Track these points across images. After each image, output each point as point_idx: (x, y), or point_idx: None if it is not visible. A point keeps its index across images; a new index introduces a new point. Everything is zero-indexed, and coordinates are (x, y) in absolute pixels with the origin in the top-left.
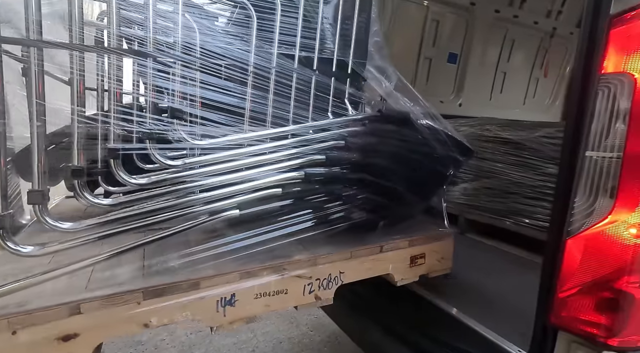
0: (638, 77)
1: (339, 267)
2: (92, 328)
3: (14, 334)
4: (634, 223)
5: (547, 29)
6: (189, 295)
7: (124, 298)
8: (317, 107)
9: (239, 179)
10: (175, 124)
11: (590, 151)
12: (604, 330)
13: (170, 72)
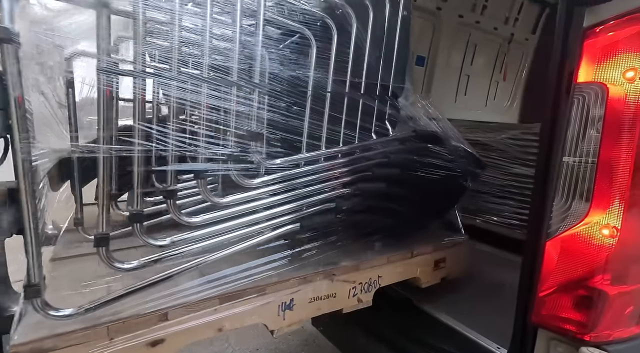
0: (610, 87)
1: (378, 272)
2: (176, 334)
3: (112, 340)
4: (606, 225)
5: (506, 34)
6: (256, 301)
7: (204, 305)
8: (363, 128)
9: (299, 195)
10: (253, 146)
11: (566, 157)
12: (581, 327)
13: (249, 99)
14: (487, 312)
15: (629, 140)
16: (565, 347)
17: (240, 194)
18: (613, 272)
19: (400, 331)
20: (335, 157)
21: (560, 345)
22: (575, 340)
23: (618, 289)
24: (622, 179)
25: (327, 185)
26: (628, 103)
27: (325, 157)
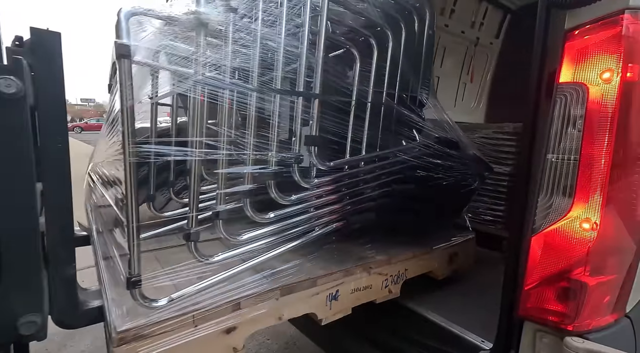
0: (590, 87)
1: (405, 265)
2: (246, 321)
3: (196, 327)
4: (587, 219)
5: (472, 38)
6: (309, 292)
7: (269, 295)
8: (396, 134)
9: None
10: (314, 150)
11: (549, 154)
12: (564, 317)
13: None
14: (469, 307)
15: (607, 139)
16: (551, 337)
17: (300, 193)
18: (593, 264)
19: (384, 329)
20: (374, 160)
21: (546, 336)
22: (559, 331)
23: (597, 280)
24: (601, 175)
25: (369, 186)
26: (605, 103)
27: (364, 161)
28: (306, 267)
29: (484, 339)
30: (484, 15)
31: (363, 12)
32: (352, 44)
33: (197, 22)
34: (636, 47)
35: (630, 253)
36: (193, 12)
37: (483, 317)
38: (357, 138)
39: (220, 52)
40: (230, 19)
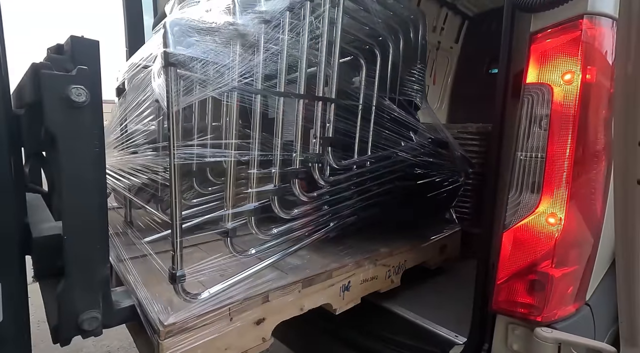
0: (554, 88)
1: (405, 257)
2: (274, 313)
3: (232, 320)
4: (553, 214)
5: (434, 42)
6: (326, 284)
7: (292, 288)
8: (397, 135)
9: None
10: (330, 150)
11: (518, 152)
12: (534, 309)
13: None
14: (443, 303)
15: (569, 137)
16: (522, 329)
17: (319, 191)
18: (558, 256)
19: (357, 329)
20: (379, 159)
21: (517, 328)
22: (529, 322)
23: (562, 272)
24: (564, 172)
25: (375, 183)
26: (567, 103)
27: (371, 160)
28: (319, 261)
29: (457, 334)
30: (444, 21)
31: (369, 23)
32: (359, 52)
33: (236, 33)
34: (594, 50)
35: (589, 244)
36: (232, 24)
37: (457, 312)
38: (364, 138)
39: (252, 61)
40: (262, 30)
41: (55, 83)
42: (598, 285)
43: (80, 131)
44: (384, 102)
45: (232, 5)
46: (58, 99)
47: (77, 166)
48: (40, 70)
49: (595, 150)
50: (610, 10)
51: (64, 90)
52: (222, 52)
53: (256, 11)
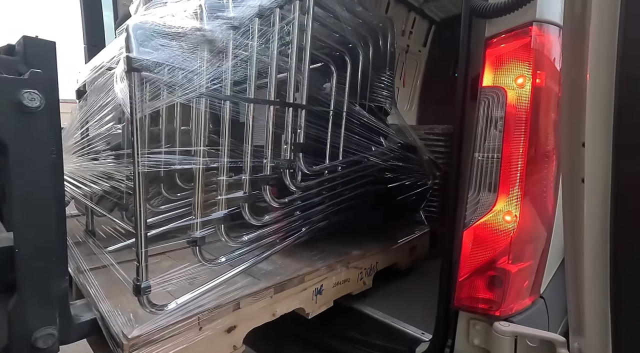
0: (508, 91)
1: (376, 259)
2: (245, 320)
3: (201, 329)
4: (508, 211)
5: (403, 45)
6: (298, 288)
7: (264, 294)
8: (368, 140)
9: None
10: (301, 156)
11: (476, 153)
12: (493, 304)
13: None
14: (410, 302)
15: (522, 138)
16: (482, 324)
17: (290, 197)
18: (514, 252)
19: (328, 330)
20: (350, 164)
21: (478, 323)
22: (489, 317)
23: (518, 267)
24: (518, 172)
25: (347, 187)
26: (520, 106)
27: (342, 165)
28: (292, 266)
29: (424, 331)
30: (412, 25)
31: (339, 30)
32: (329, 59)
33: (203, 38)
34: (543, 56)
35: (542, 240)
36: (199, 29)
37: (424, 310)
38: (335, 144)
39: (221, 67)
40: (231, 36)
41: (6, 87)
42: (552, 279)
43: (33, 138)
44: (354, 108)
45: (199, 11)
46: (9, 104)
47: (31, 174)
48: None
49: (547, 151)
50: (557, 19)
51: (15, 95)
52: (189, 57)
53: (224, 17)
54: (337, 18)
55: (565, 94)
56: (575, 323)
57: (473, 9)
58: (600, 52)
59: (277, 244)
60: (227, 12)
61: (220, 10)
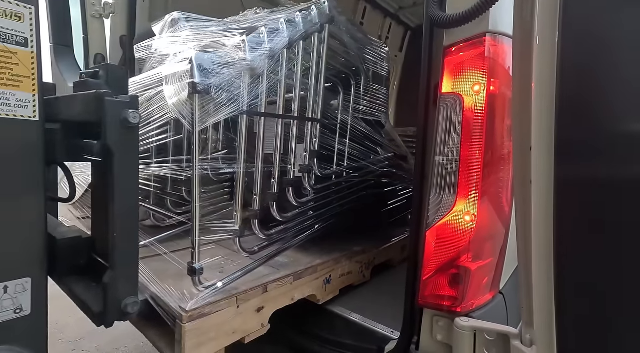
0: (465, 97)
1: (374, 254)
2: (271, 302)
3: (238, 308)
4: (468, 212)
5: None
6: (311, 277)
7: (286, 280)
8: (369, 150)
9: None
10: (315, 161)
11: (437, 156)
12: (455, 301)
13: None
14: (381, 301)
15: (478, 142)
16: (445, 320)
17: (306, 198)
18: (474, 251)
19: (298, 330)
20: (354, 169)
21: (441, 320)
22: (451, 313)
23: (477, 264)
24: (476, 174)
25: (350, 191)
26: (477, 111)
27: (347, 170)
28: (304, 259)
29: (393, 330)
30: (389, 30)
31: (346, 56)
32: (337, 80)
33: (247, 67)
34: (497, 65)
35: (501, 238)
36: (244, 59)
37: (393, 309)
38: (341, 151)
39: (258, 89)
40: (266, 64)
41: (118, 107)
42: (511, 276)
43: (131, 147)
44: (357, 121)
45: (243, 45)
46: (118, 121)
47: (126, 176)
48: (104, 97)
49: (502, 154)
50: (509, 31)
51: (123, 113)
52: (235, 82)
53: (262, 49)
54: (345, 46)
55: (515, 101)
56: (527, 316)
57: (432, 19)
58: (542, 66)
59: (296, 238)
60: (263, 45)
61: (258, 44)
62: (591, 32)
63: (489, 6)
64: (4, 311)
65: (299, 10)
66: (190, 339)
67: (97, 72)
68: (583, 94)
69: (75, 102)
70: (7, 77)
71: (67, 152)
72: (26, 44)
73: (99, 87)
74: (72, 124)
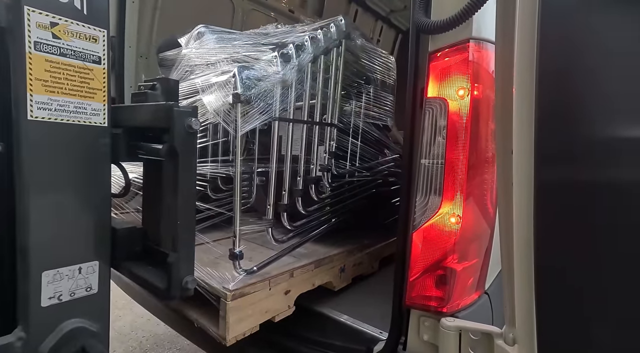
0: (449, 102)
1: (382, 247)
2: (296, 286)
3: (270, 289)
4: (453, 214)
5: None
6: (329, 266)
7: (308, 267)
8: (378, 151)
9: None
10: (332, 161)
11: (423, 159)
12: (441, 301)
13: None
14: (371, 302)
15: (463, 145)
16: (431, 321)
17: (325, 194)
18: (459, 252)
19: (285, 333)
20: (365, 168)
21: (427, 320)
22: (437, 314)
23: (463, 265)
24: (461, 176)
25: (363, 188)
26: (461, 115)
27: (359, 170)
28: (321, 250)
29: (382, 330)
30: (380, 33)
31: (359, 67)
32: (351, 88)
33: (280, 79)
34: (481, 70)
35: (486, 239)
36: (277, 73)
37: (383, 310)
38: (354, 152)
39: (287, 98)
40: (295, 76)
41: (184, 115)
42: (497, 276)
43: (192, 149)
44: (368, 125)
45: (276, 60)
46: (184, 127)
47: (187, 173)
48: (173, 107)
49: (486, 157)
50: (491, 37)
51: (187, 120)
52: (270, 93)
53: (292, 63)
54: (358, 58)
55: (498, 106)
56: (509, 315)
57: (418, 25)
58: (522, 72)
59: (317, 230)
60: (292, 60)
61: (288, 59)
62: (568, 38)
63: (472, 13)
64: (78, 289)
65: (320, 28)
66: (233, 315)
67: (154, 84)
68: (561, 99)
69: (144, 110)
70: (85, 90)
71: (127, 153)
72: (99, 62)
73: (156, 98)
74: (134, 129)
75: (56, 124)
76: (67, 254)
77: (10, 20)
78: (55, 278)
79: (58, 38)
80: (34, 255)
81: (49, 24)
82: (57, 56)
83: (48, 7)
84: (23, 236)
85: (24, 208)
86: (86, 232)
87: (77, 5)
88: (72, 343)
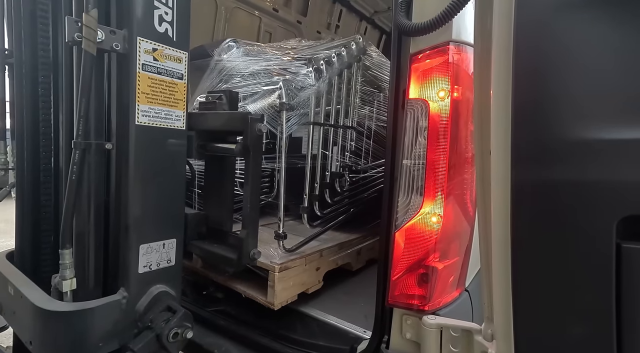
0: (430, 103)
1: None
2: (324, 264)
3: (305, 266)
4: (434, 213)
5: None
6: (348, 249)
7: (334, 249)
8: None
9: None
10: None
11: (405, 159)
12: (422, 299)
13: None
14: (354, 302)
15: (444, 146)
16: (413, 319)
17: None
18: (440, 250)
19: (272, 334)
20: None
21: (409, 318)
22: (419, 312)
23: (444, 264)
24: (441, 176)
25: (372, 184)
26: (442, 116)
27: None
28: (339, 236)
29: (365, 329)
30: (364, 33)
31: (371, 78)
32: (366, 95)
33: (315, 90)
34: (461, 72)
35: (466, 237)
36: (313, 85)
37: (366, 309)
38: (367, 151)
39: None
40: (325, 88)
41: (255, 121)
42: (477, 274)
43: (260, 148)
44: (379, 128)
45: (312, 73)
46: (255, 131)
47: (257, 167)
48: (248, 115)
49: (466, 157)
50: (471, 39)
51: (256, 125)
52: (307, 101)
53: (324, 77)
54: (372, 70)
55: (476, 107)
56: (488, 312)
57: (399, 27)
58: (500, 73)
59: (339, 218)
60: (324, 74)
61: (321, 72)
62: (544, 41)
63: (452, 16)
64: (162, 260)
65: (343, 45)
66: (279, 284)
67: (220, 95)
68: (536, 100)
69: (221, 117)
70: (172, 101)
71: (197, 151)
72: (182, 78)
73: (222, 107)
74: (204, 132)
75: (153, 127)
76: (156, 232)
77: (126, 48)
78: (147, 251)
79: (157, 60)
80: (135, 231)
81: (151, 49)
82: (156, 74)
83: (151, 36)
84: (127, 216)
85: (130, 194)
86: (169, 214)
87: (169, 34)
88: (160, 304)
